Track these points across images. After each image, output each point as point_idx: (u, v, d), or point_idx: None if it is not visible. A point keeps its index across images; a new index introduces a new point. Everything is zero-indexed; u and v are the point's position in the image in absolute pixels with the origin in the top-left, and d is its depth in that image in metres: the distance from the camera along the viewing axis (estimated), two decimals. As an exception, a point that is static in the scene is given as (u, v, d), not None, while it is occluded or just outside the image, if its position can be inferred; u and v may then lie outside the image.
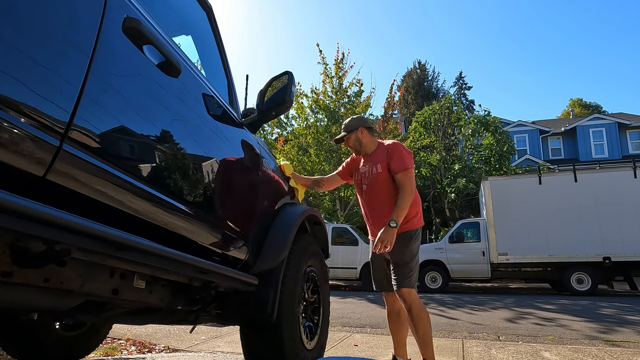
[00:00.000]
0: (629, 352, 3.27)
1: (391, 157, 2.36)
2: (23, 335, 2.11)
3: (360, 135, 2.49)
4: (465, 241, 10.44)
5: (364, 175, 2.47)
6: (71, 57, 0.92)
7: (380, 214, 2.37)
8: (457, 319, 5.27)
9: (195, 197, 1.44)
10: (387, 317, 2.52)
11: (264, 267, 1.86)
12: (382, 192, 2.39)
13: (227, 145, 1.70)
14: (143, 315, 1.63)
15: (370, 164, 2.45)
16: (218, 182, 1.60)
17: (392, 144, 2.44)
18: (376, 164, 2.41)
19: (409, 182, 2.31)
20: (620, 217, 9.26)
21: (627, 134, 20.21)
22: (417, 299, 2.28)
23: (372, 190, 2.42)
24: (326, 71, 13.40)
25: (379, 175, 2.39)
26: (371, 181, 2.42)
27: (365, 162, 2.50)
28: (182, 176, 1.36)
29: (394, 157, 2.35)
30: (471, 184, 15.44)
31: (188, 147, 1.40)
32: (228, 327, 4.03)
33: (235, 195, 1.72)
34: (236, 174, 1.77)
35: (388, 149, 2.41)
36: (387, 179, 2.37)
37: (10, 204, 0.72)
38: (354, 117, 2.58)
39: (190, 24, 1.83)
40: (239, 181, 1.78)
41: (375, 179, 2.40)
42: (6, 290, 0.90)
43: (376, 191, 2.41)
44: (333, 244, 10.18)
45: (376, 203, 2.42)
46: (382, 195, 2.38)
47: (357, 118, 2.57)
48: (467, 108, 31.73)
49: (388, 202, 2.34)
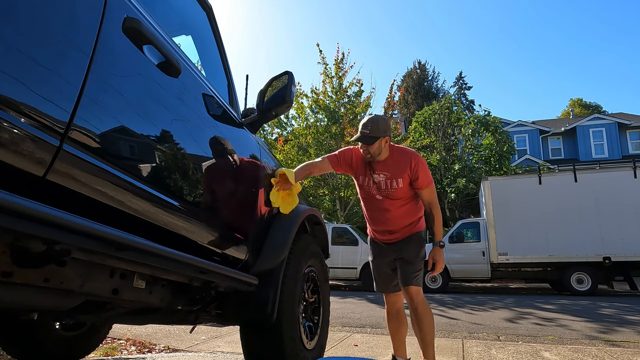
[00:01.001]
0: (629, 352, 3.27)
1: (417, 173, 2.26)
2: (23, 335, 2.11)
3: (384, 143, 2.26)
4: (465, 241, 10.44)
5: (379, 186, 2.32)
6: (71, 57, 0.92)
7: (399, 223, 2.36)
8: (457, 319, 5.27)
9: (195, 197, 1.44)
10: (386, 316, 2.52)
11: (264, 267, 1.86)
12: (401, 207, 2.33)
13: (227, 145, 1.70)
14: (143, 315, 1.63)
15: (388, 176, 2.28)
16: (218, 182, 1.60)
17: (415, 158, 2.28)
18: (396, 177, 2.27)
19: (435, 196, 2.36)
20: (620, 217, 9.26)
21: (627, 134, 20.21)
22: (424, 299, 2.29)
23: (390, 204, 2.33)
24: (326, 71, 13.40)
25: (400, 191, 2.29)
26: (389, 195, 2.31)
27: (379, 171, 2.30)
28: (182, 176, 1.36)
29: (421, 174, 2.27)
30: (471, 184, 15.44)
31: (188, 147, 1.40)
32: (228, 327, 4.03)
33: (235, 195, 1.72)
34: (236, 174, 1.76)
35: (412, 163, 2.26)
36: (407, 194, 2.32)
37: (10, 204, 0.72)
38: (382, 117, 2.30)
39: (190, 24, 1.83)
40: (239, 181, 1.78)
41: (394, 194, 2.30)
42: (6, 290, 0.90)
43: (394, 205, 2.33)
44: (333, 244, 10.17)
45: (392, 216, 2.34)
46: (400, 210, 2.34)
47: (386, 122, 2.27)
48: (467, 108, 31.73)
49: (408, 213, 2.35)
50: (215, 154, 1.59)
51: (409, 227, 2.37)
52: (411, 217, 2.37)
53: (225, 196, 1.65)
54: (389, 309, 2.51)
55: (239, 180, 1.78)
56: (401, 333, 2.47)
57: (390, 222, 2.36)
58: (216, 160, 1.59)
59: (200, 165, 1.47)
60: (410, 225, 2.37)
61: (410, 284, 2.25)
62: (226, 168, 1.67)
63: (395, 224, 2.36)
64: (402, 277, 2.29)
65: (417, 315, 2.25)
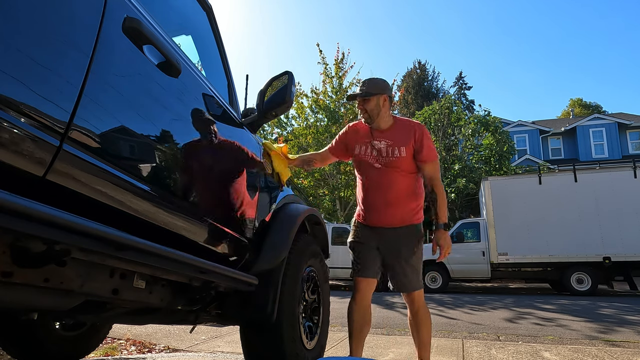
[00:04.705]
0: (629, 352, 3.27)
1: (421, 144, 2.09)
2: (23, 335, 2.11)
3: (382, 102, 2.11)
4: (465, 241, 10.45)
5: (380, 153, 2.12)
6: (71, 57, 0.92)
7: (399, 201, 2.10)
8: (457, 319, 5.27)
9: (195, 197, 1.44)
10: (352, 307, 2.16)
11: (264, 267, 1.86)
12: (401, 181, 2.10)
13: (227, 145, 1.70)
14: (143, 315, 1.63)
15: (390, 143, 2.11)
16: (218, 182, 1.60)
17: (419, 128, 2.14)
18: (400, 146, 2.09)
19: (439, 174, 2.15)
20: (620, 217, 9.27)
21: (627, 134, 20.21)
22: (424, 302, 2.18)
23: (390, 175, 2.10)
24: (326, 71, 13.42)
25: (402, 160, 2.08)
26: (390, 163, 2.09)
27: (380, 138, 2.13)
28: (182, 176, 1.36)
29: (425, 145, 2.09)
30: (471, 184, 15.44)
31: (188, 147, 1.40)
32: (228, 327, 4.03)
33: (235, 195, 1.72)
34: (236, 174, 1.76)
35: (416, 133, 2.11)
36: (409, 166, 2.11)
37: (10, 204, 0.71)
38: (379, 78, 2.18)
39: (190, 24, 1.83)
40: (239, 181, 1.78)
41: (396, 162, 2.08)
42: (6, 290, 0.90)
43: (395, 178, 2.09)
44: (333, 244, 10.19)
45: (391, 190, 2.10)
46: (404, 182, 2.10)
47: (383, 81, 2.17)
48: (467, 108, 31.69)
49: (411, 191, 2.13)
50: (215, 154, 1.59)
51: (409, 212, 2.13)
52: (412, 199, 2.14)
53: (225, 196, 1.65)
54: (358, 299, 2.15)
55: (239, 180, 1.78)
56: (364, 333, 2.18)
57: (389, 195, 2.10)
58: (216, 160, 1.59)
59: (200, 165, 1.47)
60: (410, 211, 2.13)
61: (417, 288, 2.12)
62: (226, 168, 1.67)
63: (394, 199, 2.10)
64: (404, 280, 2.11)
65: (417, 320, 2.14)
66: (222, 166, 1.63)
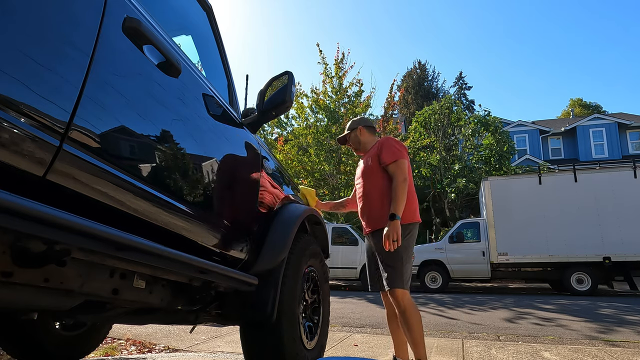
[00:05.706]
0: (628, 352, 3.27)
1: (381, 149, 2.40)
2: (23, 335, 2.11)
3: (359, 133, 2.60)
4: (465, 241, 10.44)
5: (362, 171, 2.52)
6: (71, 57, 0.92)
7: (370, 207, 2.41)
8: (457, 319, 5.27)
9: (195, 197, 1.44)
10: (386, 317, 2.49)
11: (264, 267, 1.86)
12: (373, 186, 2.41)
13: (227, 145, 1.70)
14: (143, 315, 1.63)
15: (365, 157, 2.53)
16: (218, 182, 1.60)
17: (384, 137, 2.51)
18: (369, 157, 2.48)
19: (400, 172, 2.30)
20: (620, 217, 9.27)
21: (627, 134, 20.21)
22: (410, 301, 2.22)
23: (365, 184, 2.46)
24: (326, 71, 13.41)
25: (370, 169, 2.44)
26: (364, 174, 2.48)
27: (362, 159, 2.59)
28: (182, 176, 1.36)
29: (384, 149, 2.39)
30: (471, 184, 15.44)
31: (188, 147, 1.40)
32: (228, 327, 4.03)
33: (235, 195, 1.72)
34: (236, 174, 1.76)
35: (379, 142, 2.48)
36: (378, 172, 2.40)
37: (10, 204, 0.72)
38: (355, 118, 2.72)
39: (190, 24, 1.83)
40: (239, 181, 1.78)
41: (367, 172, 2.46)
42: (6, 290, 0.90)
43: (368, 185, 2.44)
44: (333, 244, 10.17)
45: (367, 197, 2.44)
46: (374, 189, 2.40)
47: (358, 119, 2.69)
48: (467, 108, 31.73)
49: (380, 197, 2.36)
50: (215, 154, 1.58)
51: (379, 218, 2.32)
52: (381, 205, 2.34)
53: (225, 196, 1.65)
54: (388, 309, 2.47)
55: (239, 180, 1.78)
56: (400, 333, 2.42)
57: (365, 202, 2.44)
58: (216, 160, 1.59)
59: (200, 165, 1.47)
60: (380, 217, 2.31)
61: (394, 287, 2.20)
62: (226, 168, 1.67)
63: (369, 205, 2.41)
64: (384, 279, 2.25)
65: (404, 318, 2.20)
66: (222, 166, 1.63)
